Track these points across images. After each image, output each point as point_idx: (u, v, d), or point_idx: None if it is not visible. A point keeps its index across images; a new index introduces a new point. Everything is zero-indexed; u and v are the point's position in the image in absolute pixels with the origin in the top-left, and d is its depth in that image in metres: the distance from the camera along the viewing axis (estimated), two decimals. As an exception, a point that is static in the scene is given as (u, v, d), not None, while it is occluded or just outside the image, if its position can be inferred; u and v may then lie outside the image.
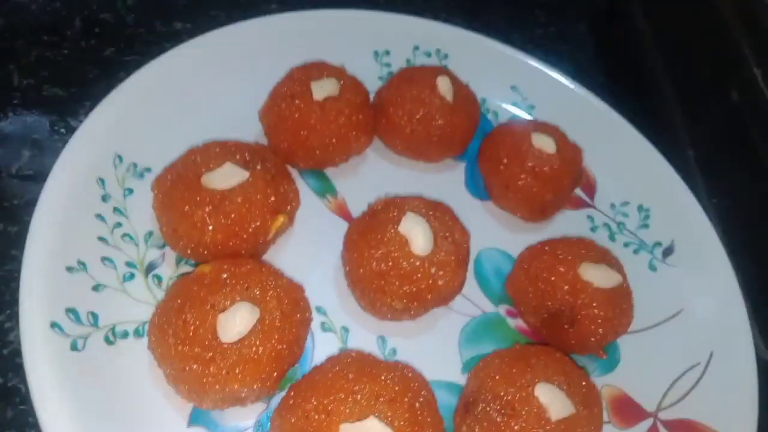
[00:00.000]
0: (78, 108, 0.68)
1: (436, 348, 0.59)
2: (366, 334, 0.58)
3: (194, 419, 0.50)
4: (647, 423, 0.60)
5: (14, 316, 0.51)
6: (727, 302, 0.68)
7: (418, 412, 0.46)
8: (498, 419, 0.48)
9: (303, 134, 0.62)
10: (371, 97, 0.70)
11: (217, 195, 0.53)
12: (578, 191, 0.76)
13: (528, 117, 0.80)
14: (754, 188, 0.76)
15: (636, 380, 0.62)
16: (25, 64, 0.69)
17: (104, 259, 0.54)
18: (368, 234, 0.55)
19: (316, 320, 0.57)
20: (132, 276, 0.55)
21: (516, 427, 0.48)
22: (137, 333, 0.52)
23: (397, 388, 0.46)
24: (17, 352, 0.51)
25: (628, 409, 0.60)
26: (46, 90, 0.67)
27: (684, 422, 0.60)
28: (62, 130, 0.63)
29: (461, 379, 0.58)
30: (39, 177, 0.61)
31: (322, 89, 0.62)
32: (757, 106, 0.75)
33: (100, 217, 0.56)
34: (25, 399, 0.49)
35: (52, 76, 0.69)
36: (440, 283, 0.54)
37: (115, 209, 0.57)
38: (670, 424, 0.60)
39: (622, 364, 0.63)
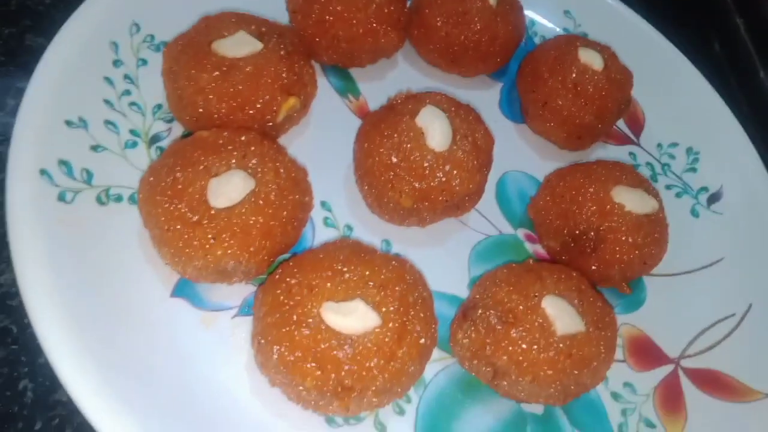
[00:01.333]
0: None
1: (443, 260, 0.55)
2: (370, 235, 0.54)
3: (178, 290, 0.47)
4: (667, 368, 0.55)
5: (4, 260, 0.50)
6: (775, 256, 0.61)
7: (410, 305, 0.42)
8: (497, 326, 0.44)
9: (328, 20, 0.57)
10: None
11: (226, 62, 0.49)
12: (623, 125, 0.70)
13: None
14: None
15: (661, 323, 0.57)
16: (5, 12, 0.66)
17: (107, 122, 0.52)
18: (382, 123, 0.51)
19: (320, 215, 0.54)
20: (135, 144, 0.53)
21: (515, 336, 0.43)
22: (132, 199, 0.50)
23: (390, 276, 0.43)
24: (7, 294, 0.49)
25: (647, 351, 0.55)
26: (29, 39, 0.63)
27: (709, 372, 0.55)
28: None
29: (465, 294, 0.53)
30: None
31: (355, -27, 0.57)
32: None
33: (108, 80, 0.54)
34: (17, 339, 0.48)
35: (35, 26, 0.64)
36: (454, 183, 0.50)
37: (126, 76, 0.55)
38: (693, 372, 0.55)
39: (646, 305, 0.58)
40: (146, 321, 0.45)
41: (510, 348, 0.43)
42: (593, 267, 0.53)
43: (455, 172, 0.50)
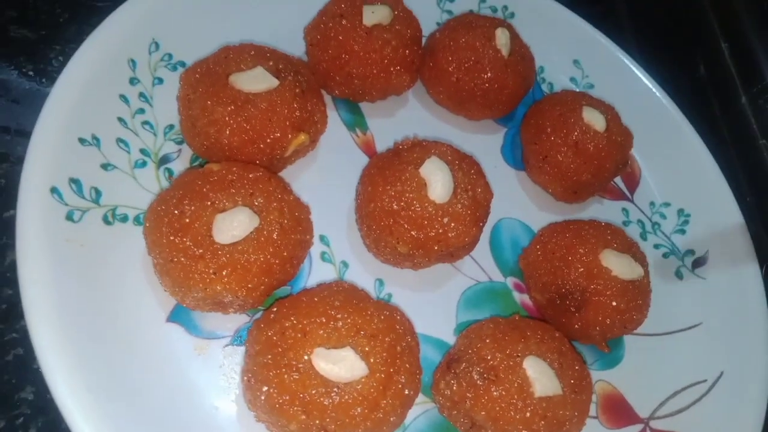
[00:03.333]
0: (48, 52, 0.62)
1: (432, 303, 0.57)
2: (364, 274, 0.56)
3: (174, 316, 0.49)
4: (636, 428, 0.57)
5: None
6: (751, 327, 0.64)
7: (398, 355, 0.44)
8: (478, 381, 0.46)
9: (344, 58, 0.59)
10: (424, 40, 0.67)
11: (242, 96, 0.51)
12: (619, 181, 0.72)
13: (583, 94, 0.75)
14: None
15: (635, 382, 0.59)
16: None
17: (119, 140, 0.53)
18: (387, 170, 0.53)
19: (318, 249, 0.56)
20: (144, 164, 0.54)
21: (495, 394, 0.45)
22: (137, 221, 0.51)
23: (381, 326, 0.44)
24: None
25: (619, 409, 0.57)
26: (13, 31, 0.63)
27: (676, 436, 0.57)
28: (30, 73, 0.61)
29: (452, 340, 0.55)
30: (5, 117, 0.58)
31: (374, 15, 0.59)
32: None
33: (123, 98, 0.55)
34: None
35: (21, 17, 0.64)
36: (450, 235, 0.51)
37: (141, 95, 0.56)
38: (661, 435, 0.57)
39: (623, 363, 0.60)
40: (141, 344, 0.47)
41: (489, 405, 0.45)
42: (576, 325, 0.55)
43: (453, 224, 0.51)
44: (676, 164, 0.74)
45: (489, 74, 0.63)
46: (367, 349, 0.43)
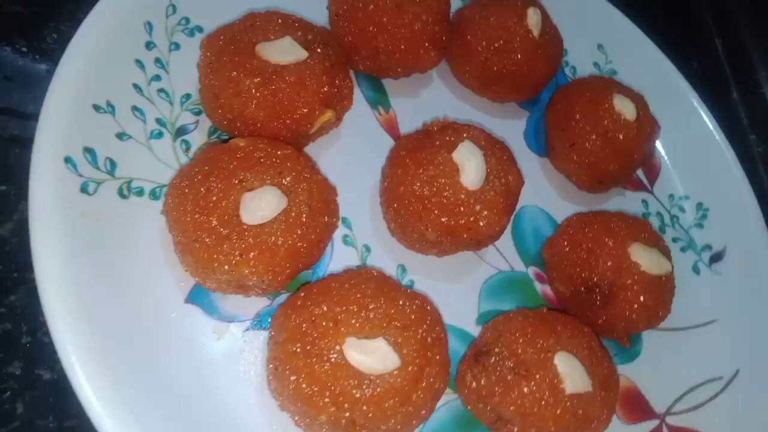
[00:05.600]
0: (42, 28, 0.59)
1: (455, 292, 0.55)
2: (387, 259, 0.54)
3: (193, 297, 0.46)
4: (652, 423, 0.56)
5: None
6: (766, 324, 0.64)
7: (429, 347, 0.43)
8: (509, 376, 0.45)
9: (371, 31, 0.56)
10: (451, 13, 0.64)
11: (270, 68, 0.48)
12: (639, 172, 0.71)
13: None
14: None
15: (652, 378, 0.58)
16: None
17: (134, 108, 0.50)
18: (418, 152, 0.51)
19: (340, 231, 0.53)
20: (160, 134, 0.51)
21: (525, 389, 0.44)
22: (153, 194, 0.48)
23: (413, 317, 0.43)
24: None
25: (636, 404, 0.57)
26: (6, 7, 0.59)
27: (691, 432, 0.57)
28: (23, 50, 0.57)
29: (473, 329, 0.54)
30: None
31: (405, -13, 0.56)
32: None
33: (139, 63, 0.52)
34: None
35: None
36: (481, 224, 0.50)
37: (157, 60, 0.53)
38: (676, 430, 0.56)
39: (641, 358, 0.59)
40: (157, 325, 0.45)
41: (519, 401, 0.44)
42: (600, 320, 0.54)
43: (485, 212, 0.49)
44: (697, 157, 0.73)
45: (519, 56, 0.61)
46: (399, 340, 0.41)
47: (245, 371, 0.45)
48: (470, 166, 0.49)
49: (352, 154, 0.57)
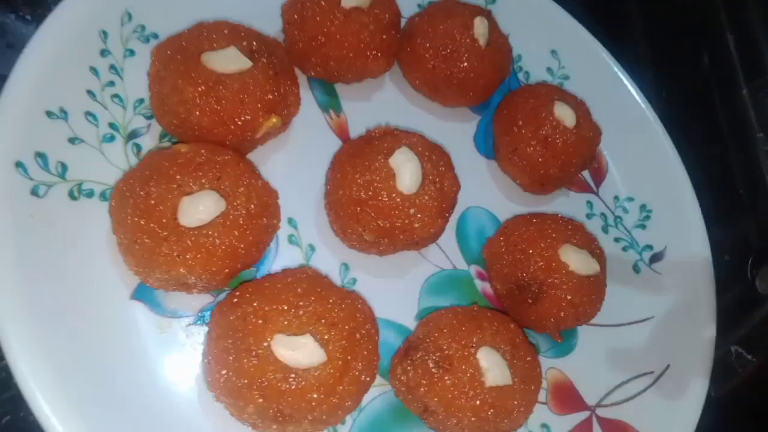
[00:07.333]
0: None
1: (396, 289, 0.58)
2: (330, 258, 0.57)
3: (138, 294, 0.49)
4: (582, 415, 0.60)
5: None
6: (700, 326, 0.67)
7: (357, 343, 0.46)
8: (433, 369, 0.48)
9: (320, 39, 0.58)
10: (403, 22, 0.66)
11: (213, 77, 0.50)
12: (586, 174, 0.74)
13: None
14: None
15: (584, 371, 0.61)
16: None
17: (88, 113, 0.53)
18: (357, 158, 0.53)
19: (285, 231, 0.56)
20: (112, 138, 0.53)
21: (448, 382, 0.47)
22: (103, 196, 0.51)
23: (341, 315, 0.46)
24: None
25: (568, 396, 0.60)
26: None
27: (619, 424, 0.60)
28: (27, 17, 0.58)
29: (412, 325, 0.57)
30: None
31: (353, -3, 0.58)
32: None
33: (93, 70, 0.54)
34: None
35: None
36: (416, 226, 0.53)
37: (111, 67, 0.55)
38: (605, 422, 0.60)
39: (575, 352, 0.62)
40: (104, 320, 0.47)
41: (441, 392, 0.47)
42: (532, 316, 0.57)
43: (419, 215, 0.52)
44: (643, 161, 0.75)
45: (465, 63, 0.63)
46: (326, 336, 0.44)
47: (186, 365, 0.48)
48: (405, 171, 0.52)
49: (300, 157, 0.60)
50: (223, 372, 0.43)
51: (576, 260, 0.56)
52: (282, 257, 0.55)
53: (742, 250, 0.72)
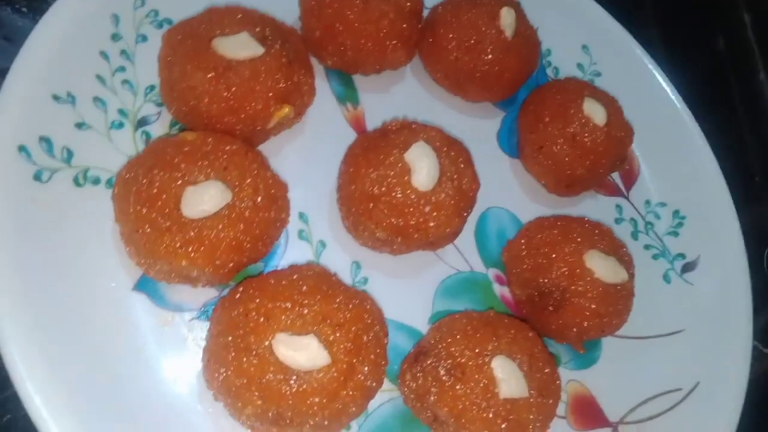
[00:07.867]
0: None
1: (409, 290, 0.55)
2: (342, 255, 0.55)
3: (141, 285, 0.47)
4: (604, 431, 0.56)
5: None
6: (733, 339, 0.63)
7: (363, 346, 0.43)
8: (444, 377, 0.45)
9: (338, 27, 0.56)
10: (426, 12, 0.64)
11: (224, 62, 0.48)
12: (616, 177, 0.70)
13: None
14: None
15: (607, 385, 0.58)
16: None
17: (96, 99, 0.51)
18: (372, 151, 0.51)
19: (295, 226, 0.54)
20: (121, 125, 0.52)
21: (459, 392, 0.44)
22: (109, 183, 0.49)
23: (348, 315, 0.43)
24: None
25: (589, 411, 0.56)
26: None
27: (643, 442, 0.56)
28: (23, 9, 0.57)
29: (425, 329, 0.54)
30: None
31: (373, -17, 0.56)
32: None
33: (104, 54, 0.52)
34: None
35: None
36: (431, 224, 0.50)
37: (123, 52, 0.54)
38: (629, 440, 0.56)
39: (598, 364, 0.59)
40: (103, 311, 0.45)
41: (452, 402, 0.45)
42: (553, 325, 0.54)
43: (434, 214, 0.50)
44: (678, 164, 0.71)
45: (490, 56, 0.60)
46: (331, 338, 0.42)
47: (187, 360, 0.46)
48: (421, 166, 0.49)
49: (314, 149, 0.58)
50: (222, 370, 0.41)
51: (602, 267, 0.53)
52: (291, 253, 0.53)
53: (758, 239, 0.68)
